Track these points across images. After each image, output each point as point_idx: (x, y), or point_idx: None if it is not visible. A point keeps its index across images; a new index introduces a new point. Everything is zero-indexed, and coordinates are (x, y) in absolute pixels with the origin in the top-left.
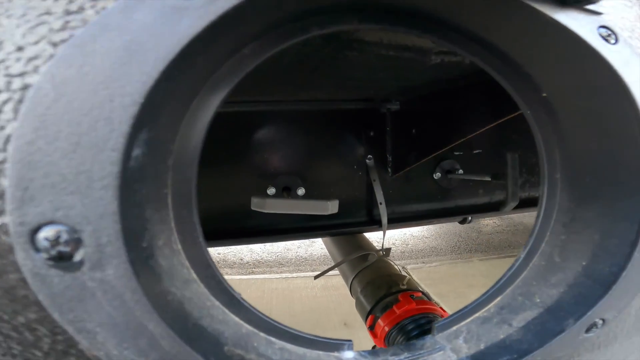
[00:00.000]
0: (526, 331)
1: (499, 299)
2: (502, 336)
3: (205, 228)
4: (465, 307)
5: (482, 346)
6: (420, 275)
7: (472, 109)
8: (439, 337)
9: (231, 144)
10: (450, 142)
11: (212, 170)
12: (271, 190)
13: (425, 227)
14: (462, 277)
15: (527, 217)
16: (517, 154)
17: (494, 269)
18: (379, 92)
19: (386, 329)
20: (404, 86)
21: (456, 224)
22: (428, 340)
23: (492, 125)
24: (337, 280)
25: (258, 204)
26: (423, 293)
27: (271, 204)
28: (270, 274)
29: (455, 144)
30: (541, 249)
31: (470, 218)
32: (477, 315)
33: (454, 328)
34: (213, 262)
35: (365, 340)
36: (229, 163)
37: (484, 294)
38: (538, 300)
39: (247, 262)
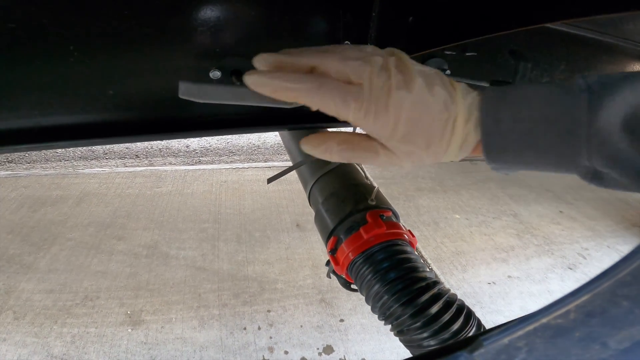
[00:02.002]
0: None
1: (586, 298)
2: None
3: (126, 119)
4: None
5: None
6: (374, 173)
7: (501, 4)
8: (479, 357)
9: (162, 19)
10: (458, 39)
11: (133, 49)
12: (215, 74)
13: None
14: (412, 179)
15: None
16: (530, 64)
17: (442, 171)
18: None
19: (351, 256)
20: None
21: None
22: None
23: (518, 29)
24: (291, 174)
25: (189, 91)
26: (392, 211)
27: (208, 91)
28: (219, 163)
29: (462, 42)
30: None
31: None
32: (544, 321)
33: (506, 341)
34: None
35: (317, 245)
36: (158, 40)
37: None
38: None
39: (194, 150)
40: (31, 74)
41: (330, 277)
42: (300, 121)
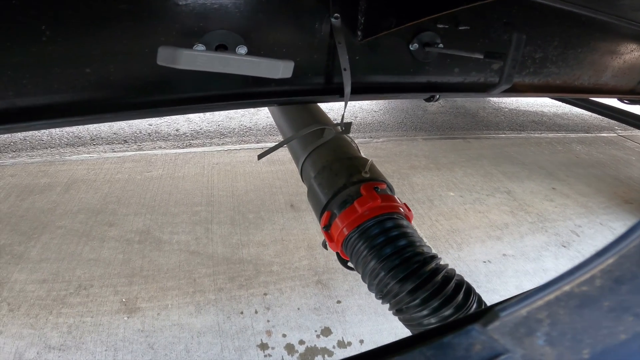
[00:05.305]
0: None
1: (612, 261)
2: (623, 337)
3: (105, 97)
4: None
5: (584, 353)
6: (367, 152)
7: None
8: (495, 332)
9: None
10: (448, 7)
11: (109, 26)
12: (199, 48)
13: (375, 100)
14: (406, 157)
15: (469, 102)
16: (524, 36)
17: (435, 149)
18: None
19: (345, 231)
20: None
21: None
22: (474, 336)
23: None
24: (284, 153)
25: (168, 56)
26: (387, 184)
27: (189, 58)
28: (210, 146)
29: (454, 9)
30: None
31: (438, 96)
32: (567, 289)
33: (524, 312)
34: None
35: (312, 225)
36: (136, 16)
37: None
38: None
39: (184, 133)
40: (1, 54)
41: (326, 248)
42: (288, 95)
